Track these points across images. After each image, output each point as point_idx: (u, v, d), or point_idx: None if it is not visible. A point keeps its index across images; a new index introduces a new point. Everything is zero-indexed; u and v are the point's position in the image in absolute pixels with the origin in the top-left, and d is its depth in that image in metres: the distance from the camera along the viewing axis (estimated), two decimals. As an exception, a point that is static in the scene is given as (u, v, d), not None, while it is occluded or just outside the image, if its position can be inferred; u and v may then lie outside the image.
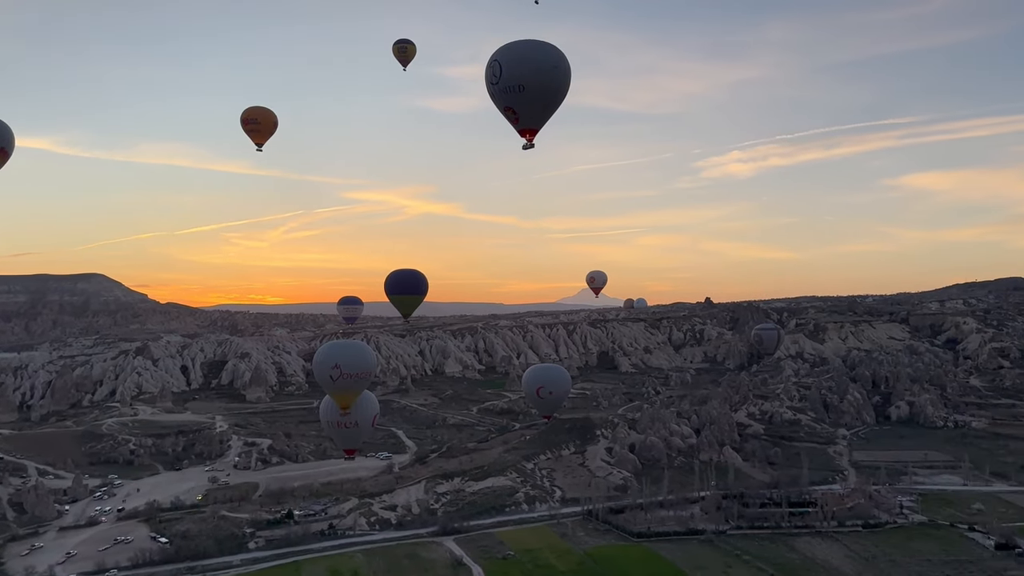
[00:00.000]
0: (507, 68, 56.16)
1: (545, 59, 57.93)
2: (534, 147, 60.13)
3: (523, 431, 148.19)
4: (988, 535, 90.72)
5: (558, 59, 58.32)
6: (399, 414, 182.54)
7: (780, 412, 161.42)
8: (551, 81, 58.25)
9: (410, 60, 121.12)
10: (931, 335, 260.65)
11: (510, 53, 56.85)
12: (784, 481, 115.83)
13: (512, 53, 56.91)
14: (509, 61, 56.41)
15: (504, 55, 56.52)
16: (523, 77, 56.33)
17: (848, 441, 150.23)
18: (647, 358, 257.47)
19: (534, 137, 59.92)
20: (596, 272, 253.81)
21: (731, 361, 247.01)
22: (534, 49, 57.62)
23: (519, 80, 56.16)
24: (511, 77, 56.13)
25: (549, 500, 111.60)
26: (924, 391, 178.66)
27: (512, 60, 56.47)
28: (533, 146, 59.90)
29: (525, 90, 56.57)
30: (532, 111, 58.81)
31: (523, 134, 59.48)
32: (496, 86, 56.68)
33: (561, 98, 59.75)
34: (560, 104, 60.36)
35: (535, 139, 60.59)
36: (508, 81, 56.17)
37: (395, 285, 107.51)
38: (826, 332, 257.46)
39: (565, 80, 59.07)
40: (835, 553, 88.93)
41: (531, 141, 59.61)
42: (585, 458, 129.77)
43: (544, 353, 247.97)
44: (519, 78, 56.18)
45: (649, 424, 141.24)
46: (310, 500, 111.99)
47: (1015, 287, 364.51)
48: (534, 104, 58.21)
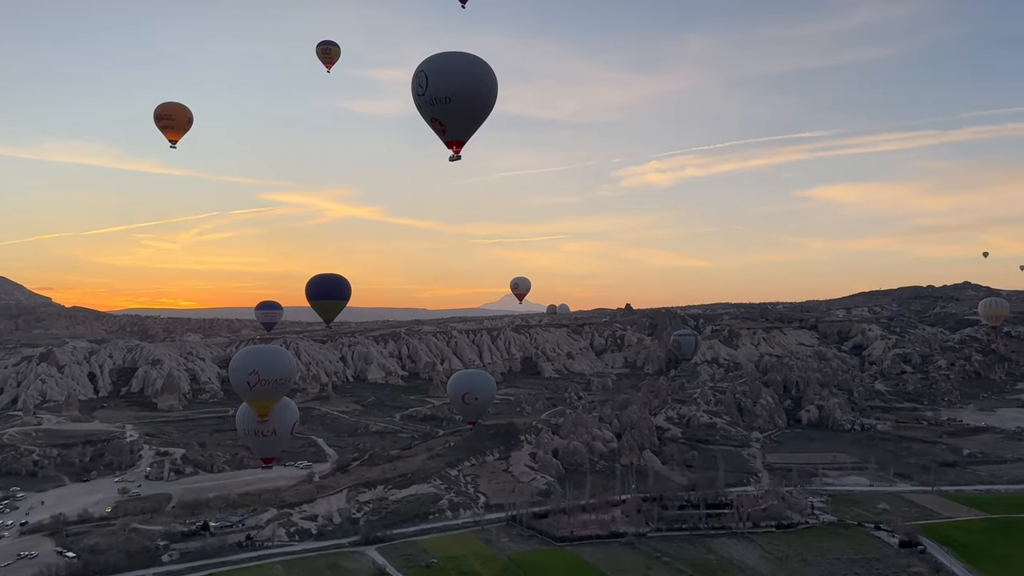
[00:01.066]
0: (433, 80, 55.73)
1: (472, 72, 57.68)
2: (460, 159, 59.88)
3: (447, 437, 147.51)
4: (893, 533, 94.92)
5: (485, 72, 58.21)
6: (319, 422, 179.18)
7: (697, 416, 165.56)
8: (478, 94, 58.02)
9: (334, 62, 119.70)
10: (838, 341, 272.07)
11: (437, 65, 56.38)
12: (701, 483, 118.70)
13: (439, 65, 56.44)
14: (435, 73, 55.97)
15: (430, 66, 56.07)
16: (449, 89, 55.97)
17: (761, 444, 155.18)
18: (570, 363, 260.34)
19: (461, 149, 59.68)
20: (520, 278, 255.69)
21: (650, 366, 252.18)
22: (461, 62, 57.30)
23: (445, 92, 55.78)
24: (437, 89, 55.73)
25: (473, 506, 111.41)
26: (832, 395, 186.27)
27: (438, 72, 56.05)
28: (460, 158, 59.60)
29: (451, 102, 56.20)
30: (458, 123, 58.46)
31: (450, 146, 59.15)
32: (422, 97, 56.22)
33: (487, 111, 59.58)
34: (486, 117, 60.17)
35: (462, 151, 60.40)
36: (434, 93, 55.74)
37: (317, 290, 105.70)
38: (740, 338, 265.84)
39: (492, 93, 58.96)
40: (750, 553, 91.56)
41: (458, 153, 59.36)
42: (509, 464, 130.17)
43: (468, 359, 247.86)
44: (445, 90, 55.81)
45: (572, 429, 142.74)
46: (226, 511, 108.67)
47: (916, 295, 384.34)
48: (460, 116, 57.88)
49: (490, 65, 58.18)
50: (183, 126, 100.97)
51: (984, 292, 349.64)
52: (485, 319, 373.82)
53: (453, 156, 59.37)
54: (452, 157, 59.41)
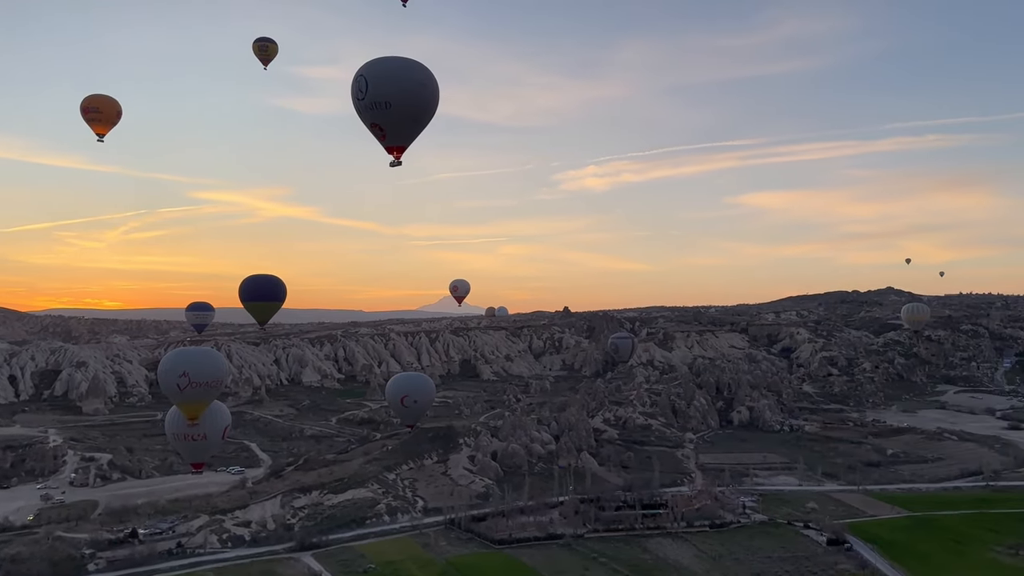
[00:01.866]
0: (373, 84, 54.97)
1: (413, 77, 57.01)
2: (401, 164, 59.30)
3: (384, 441, 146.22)
4: (821, 532, 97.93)
5: (426, 77, 57.65)
6: (252, 426, 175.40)
7: (633, 418, 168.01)
8: (418, 99, 57.40)
9: (271, 59, 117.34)
10: (768, 344, 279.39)
11: (377, 69, 55.62)
12: (637, 484, 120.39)
13: (379, 69, 55.68)
14: (375, 77, 55.20)
15: (370, 71, 55.31)
16: (389, 94, 55.26)
17: (695, 445, 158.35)
18: (508, 366, 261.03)
19: (402, 155, 59.08)
20: (459, 281, 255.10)
21: (588, 368, 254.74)
22: (401, 66, 56.60)
23: (385, 97, 55.06)
24: (377, 94, 55.00)
25: (411, 510, 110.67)
26: (762, 397, 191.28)
27: (378, 76, 55.31)
28: (400, 163, 59.01)
29: (392, 107, 55.48)
30: (399, 129, 57.79)
31: (391, 151, 58.54)
32: (362, 102, 55.44)
33: (429, 117, 59.00)
34: (428, 123, 59.64)
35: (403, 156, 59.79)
36: (374, 97, 54.99)
37: (251, 291, 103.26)
38: (674, 341, 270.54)
39: (433, 99, 58.45)
40: (685, 553, 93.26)
41: (399, 159, 58.77)
42: (448, 467, 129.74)
43: (406, 362, 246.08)
44: (385, 95, 55.09)
45: (511, 431, 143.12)
46: (156, 518, 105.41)
47: (842, 300, 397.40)
48: (401, 122, 57.19)
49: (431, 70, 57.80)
50: (111, 119, 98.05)
51: (906, 297, 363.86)
52: (423, 321, 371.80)
53: (394, 162, 58.74)
54: (393, 163, 58.77)
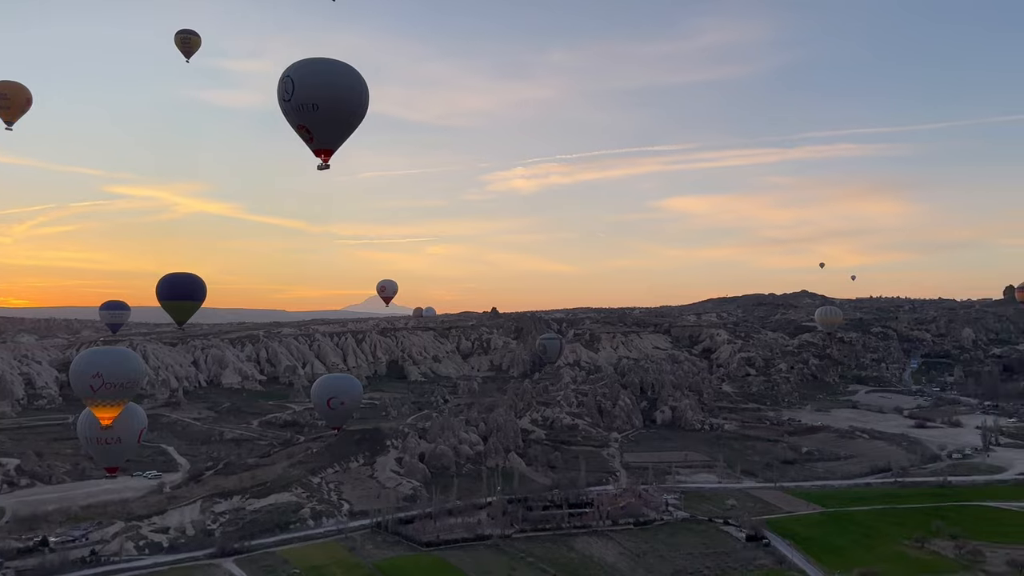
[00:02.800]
0: (300, 86, 53.82)
1: (341, 79, 56.03)
2: (329, 167, 58.31)
3: (308, 444, 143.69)
4: (740, 528, 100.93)
5: (355, 80, 56.74)
6: (169, 429, 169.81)
7: (560, 418, 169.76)
8: (347, 102, 56.43)
9: (194, 51, 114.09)
10: (689, 345, 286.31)
11: (304, 71, 54.50)
12: (564, 484, 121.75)
13: (306, 71, 54.57)
14: (303, 79, 54.09)
15: (297, 72, 54.19)
16: (317, 96, 54.19)
17: (620, 444, 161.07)
18: (436, 367, 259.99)
19: (330, 158, 58.11)
20: (387, 281, 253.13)
21: (515, 369, 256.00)
22: (330, 69, 55.53)
23: (312, 99, 53.98)
24: (304, 96, 53.88)
25: (337, 514, 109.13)
26: (684, 396, 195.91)
27: (305, 78, 54.23)
28: (328, 167, 57.99)
29: (319, 109, 54.37)
30: (327, 132, 56.73)
31: (318, 154, 57.54)
32: (288, 103, 54.29)
33: (357, 121, 58.07)
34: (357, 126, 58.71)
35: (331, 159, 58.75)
36: (301, 99, 53.85)
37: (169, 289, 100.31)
38: (600, 342, 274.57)
39: (362, 102, 57.57)
40: (610, 550, 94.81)
41: (326, 162, 57.77)
42: (374, 469, 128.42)
43: (332, 363, 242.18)
44: (313, 97, 54.02)
45: (439, 433, 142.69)
46: (68, 525, 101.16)
47: (759, 303, 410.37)
48: (329, 125, 56.14)
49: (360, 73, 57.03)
50: (20, 107, 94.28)
51: (820, 300, 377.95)
52: (349, 321, 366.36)
53: (322, 165, 57.72)
54: (320, 166, 57.74)
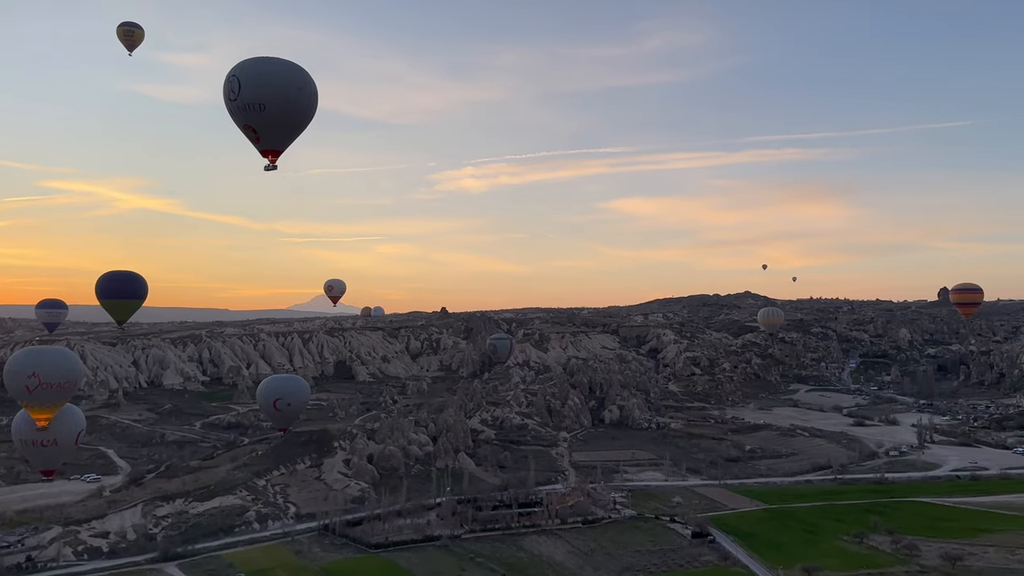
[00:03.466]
0: (247, 86, 52.70)
1: (289, 79, 54.95)
2: (276, 169, 57.35)
3: (254, 446, 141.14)
4: (686, 525, 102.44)
5: (303, 81, 55.74)
6: (108, 431, 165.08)
7: (510, 418, 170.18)
8: (295, 103, 55.42)
9: (137, 45, 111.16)
10: (637, 345, 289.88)
11: (250, 70, 53.37)
12: (513, 483, 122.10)
13: (252, 70, 53.45)
14: (249, 78, 52.96)
15: (244, 71, 53.07)
16: (264, 97, 53.13)
17: (568, 443, 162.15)
18: (385, 367, 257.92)
19: (277, 158, 57.14)
20: (335, 280, 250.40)
21: (465, 369, 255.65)
22: (277, 68, 54.43)
23: (259, 99, 52.92)
24: (251, 95, 52.77)
25: (283, 517, 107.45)
26: (632, 396, 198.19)
27: (252, 78, 53.12)
28: (275, 168, 57.03)
29: (266, 110, 53.38)
30: (274, 132, 55.67)
31: (265, 155, 56.56)
32: (234, 103, 53.14)
33: (306, 121, 57.08)
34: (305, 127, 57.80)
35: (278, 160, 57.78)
36: (247, 99, 52.73)
37: (109, 288, 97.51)
38: (549, 341, 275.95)
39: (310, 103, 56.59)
40: (559, 549, 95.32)
41: (273, 163, 56.79)
42: (321, 471, 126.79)
43: (277, 363, 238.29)
44: (260, 97, 52.95)
45: (388, 434, 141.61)
46: (3, 531, 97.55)
47: (704, 303, 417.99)
48: (276, 125, 55.05)
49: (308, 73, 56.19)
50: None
51: (762, 301, 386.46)
52: (295, 321, 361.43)
53: (269, 165, 56.71)
54: (268, 166, 56.73)
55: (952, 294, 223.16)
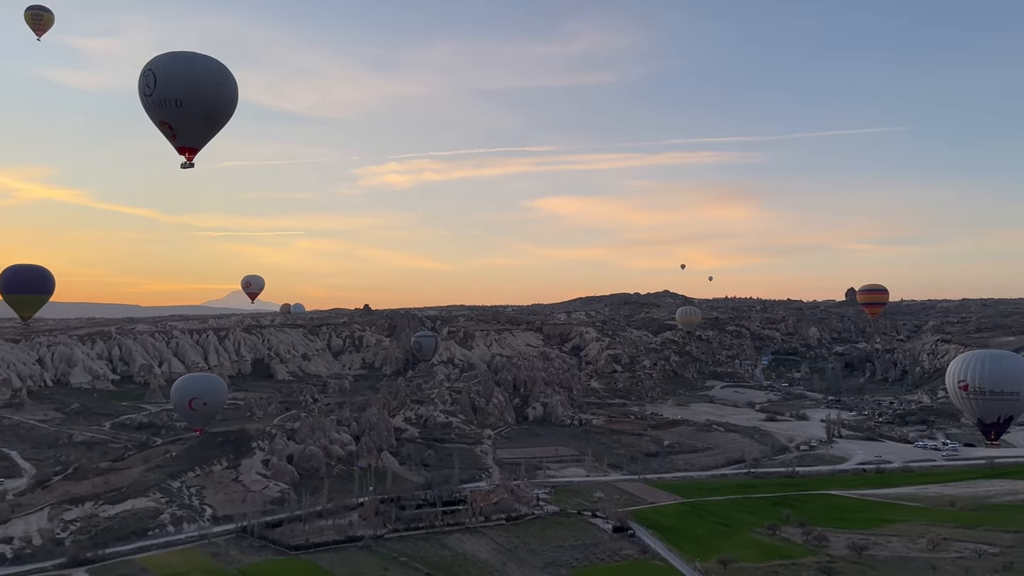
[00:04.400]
0: (163, 80, 51.16)
1: (207, 75, 53.41)
2: (194, 166, 55.73)
3: (167, 447, 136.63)
4: (607, 520, 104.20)
5: (222, 76, 54.23)
6: (12, 432, 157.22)
7: (434, 416, 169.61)
8: (214, 99, 53.92)
9: (46, 29, 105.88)
10: (560, 343, 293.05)
11: (167, 65, 51.82)
12: (437, 482, 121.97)
13: (169, 65, 51.89)
14: (165, 73, 51.43)
15: (160, 66, 51.52)
16: (180, 92, 51.62)
17: (492, 441, 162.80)
18: (305, 365, 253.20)
19: (194, 156, 55.54)
20: (253, 276, 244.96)
21: (388, 367, 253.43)
22: (195, 63, 52.87)
23: (175, 95, 51.43)
24: (167, 91, 51.26)
25: (199, 519, 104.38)
26: (555, 393, 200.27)
27: (168, 72, 51.59)
28: (192, 165, 55.42)
29: (183, 106, 51.89)
30: (191, 129, 54.11)
31: (182, 152, 54.98)
32: (150, 98, 51.57)
33: (225, 119, 55.58)
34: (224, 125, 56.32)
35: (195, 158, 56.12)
36: (163, 94, 51.21)
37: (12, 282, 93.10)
38: (474, 339, 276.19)
39: (230, 100, 55.12)
40: (482, 546, 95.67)
41: (190, 160, 55.19)
42: (239, 472, 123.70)
43: (191, 361, 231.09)
44: (176, 93, 51.46)
45: (309, 433, 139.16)
46: None
47: (625, 301, 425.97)
48: (193, 122, 53.55)
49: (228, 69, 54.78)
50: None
51: (681, 300, 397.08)
52: (210, 318, 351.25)
53: (185, 163, 55.06)
54: (184, 164, 55.04)
55: (859, 294, 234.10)
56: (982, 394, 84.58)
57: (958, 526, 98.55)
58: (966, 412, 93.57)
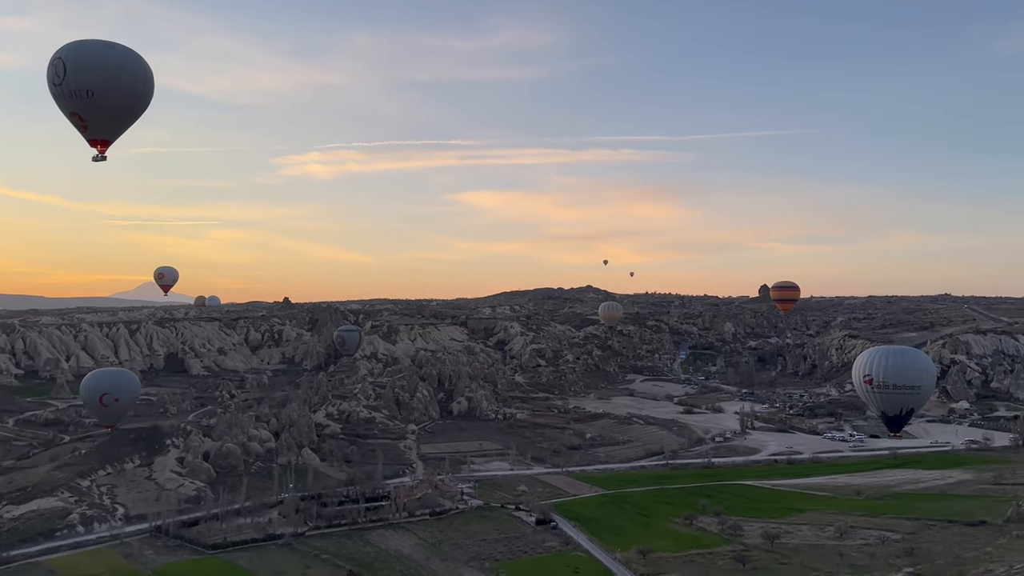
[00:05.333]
0: (73, 70, 48.96)
1: (121, 64, 51.34)
2: (106, 159, 53.64)
3: (75, 444, 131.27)
4: (530, 513, 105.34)
5: (137, 66, 52.14)
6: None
7: (357, 411, 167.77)
8: (127, 91, 51.94)
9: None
10: (485, 337, 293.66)
11: (78, 53, 49.58)
12: (360, 478, 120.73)
13: (80, 53, 49.68)
14: (76, 62, 49.22)
15: (70, 54, 49.28)
16: (92, 83, 49.51)
17: (417, 435, 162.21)
18: (222, 360, 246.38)
19: (107, 149, 53.44)
20: (166, 268, 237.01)
21: (309, 362, 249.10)
22: (108, 52, 50.72)
23: (86, 85, 49.31)
24: (77, 81, 49.17)
25: (110, 519, 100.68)
26: (480, 387, 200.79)
27: (79, 62, 49.41)
28: (105, 158, 53.36)
29: (94, 96, 49.84)
30: (103, 121, 51.91)
31: (94, 144, 52.86)
32: (59, 87, 49.32)
33: (140, 111, 53.44)
34: (140, 116, 54.27)
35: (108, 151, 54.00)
36: (73, 84, 49.07)
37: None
38: (398, 333, 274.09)
39: (145, 91, 53.01)
40: (406, 542, 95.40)
41: (103, 153, 53.09)
42: (153, 470, 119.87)
43: (101, 356, 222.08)
44: (87, 83, 49.34)
45: (226, 430, 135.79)
46: None
47: (548, 296, 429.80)
48: (106, 113, 51.44)
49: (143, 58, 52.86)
50: None
51: (603, 296, 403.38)
52: (120, 310, 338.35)
53: (97, 156, 52.82)
54: (96, 157, 52.78)
55: (772, 291, 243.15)
56: (886, 388, 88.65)
57: (864, 514, 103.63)
58: (871, 405, 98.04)
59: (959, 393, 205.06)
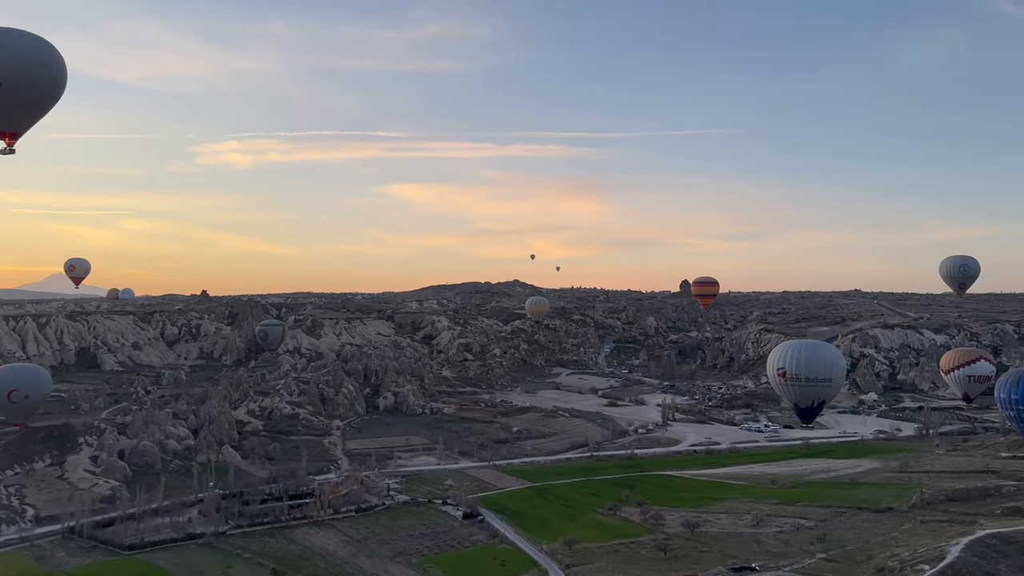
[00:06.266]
0: None
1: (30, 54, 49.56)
2: (15, 152, 51.77)
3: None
4: (457, 507, 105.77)
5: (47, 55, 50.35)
6: None
7: (280, 407, 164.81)
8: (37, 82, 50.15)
9: None
10: (412, 331, 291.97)
11: None
12: (283, 475, 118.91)
13: None
14: None
15: None
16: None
17: (342, 431, 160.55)
18: (136, 355, 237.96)
19: (15, 142, 51.52)
20: (77, 260, 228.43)
21: (229, 357, 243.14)
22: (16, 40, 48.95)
23: None
24: None
25: (20, 521, 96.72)
26: (407, 382, 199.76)
27: None
28: (13, 151, 51.49)
29: (1, 87, 48.07)
30: (11, 112, 50.00)
31: (1, 137, 50.89)
32: None
33: (51, 103, 51.67)
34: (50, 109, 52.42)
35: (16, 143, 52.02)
36: None
37: None
38: (323, 328, 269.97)
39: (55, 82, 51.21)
40: (331, 539, 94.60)
41: (11, 146, 51.20)
42: (64, 470, 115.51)
43: (7, 350, 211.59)
44: None
45: (142, 427, 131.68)
46: None
47: (476, 290, 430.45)
48: (13, 105, 49.59)
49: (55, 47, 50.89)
50: None
51: (530, 290, 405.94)
52: (28, 303, 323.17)
53: (6, 149, 51.01)
54: (4, 150, 50.99)
55: (693, 286, 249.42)
56: (798, 380, 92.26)
57: (779, 502, 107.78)
58: (784, 397, 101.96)
59: (868, 385, 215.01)
